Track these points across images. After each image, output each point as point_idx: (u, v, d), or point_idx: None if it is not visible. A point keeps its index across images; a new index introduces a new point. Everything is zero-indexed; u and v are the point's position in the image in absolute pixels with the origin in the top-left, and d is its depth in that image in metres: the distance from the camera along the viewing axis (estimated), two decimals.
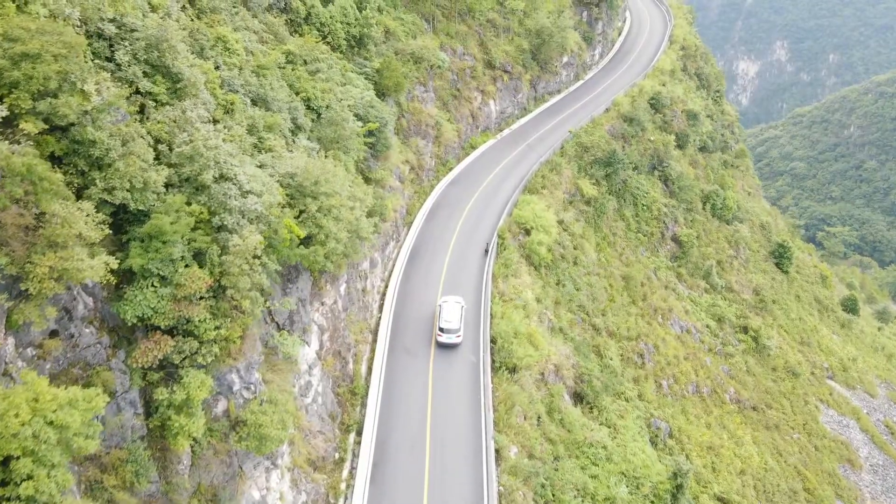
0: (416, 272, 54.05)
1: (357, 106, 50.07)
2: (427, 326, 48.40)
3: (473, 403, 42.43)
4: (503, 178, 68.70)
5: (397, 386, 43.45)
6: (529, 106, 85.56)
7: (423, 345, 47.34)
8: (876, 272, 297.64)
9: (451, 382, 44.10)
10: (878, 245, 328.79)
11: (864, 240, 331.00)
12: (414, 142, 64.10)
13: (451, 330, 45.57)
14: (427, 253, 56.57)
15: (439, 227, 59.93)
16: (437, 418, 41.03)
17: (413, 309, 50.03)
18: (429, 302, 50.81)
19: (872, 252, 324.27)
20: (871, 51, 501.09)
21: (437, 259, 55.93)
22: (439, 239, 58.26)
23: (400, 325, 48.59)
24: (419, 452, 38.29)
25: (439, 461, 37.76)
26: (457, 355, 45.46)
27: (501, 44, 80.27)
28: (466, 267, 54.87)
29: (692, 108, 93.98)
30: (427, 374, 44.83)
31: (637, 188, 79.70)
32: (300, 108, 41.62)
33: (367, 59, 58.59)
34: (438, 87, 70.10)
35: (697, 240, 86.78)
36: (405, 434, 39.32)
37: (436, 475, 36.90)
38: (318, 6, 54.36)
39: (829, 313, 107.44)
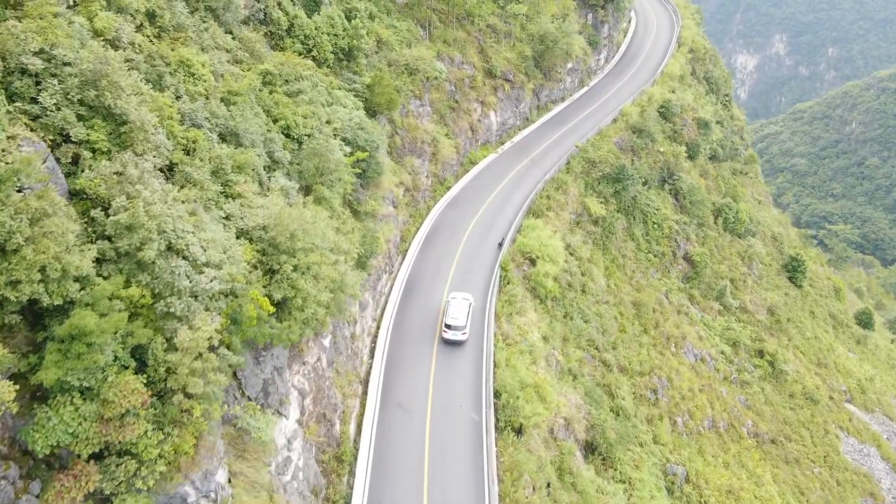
0: (412, 309, 49.07)
1: (345, 129, 44.95)
2: (424, 376, 43.50)
3: (476, 472, 37.55)
4: (505, 198, 63.64)
5: (390, 449, 38.56)
6: (532, 115, 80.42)
7: (419, 397, 42.45)
8: (879, 271, 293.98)
9: (450, 445, 39.23)
10: (880, 243, 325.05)
11: (867, 238, 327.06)
12: (409, 161, 58.98)
13: (458, 327, 45.00)
14: (423, 287, 51.60)
15: (436, 257, 54.93)
16: (435, 490, 36.20)
17: (408, 354, 45.12)
18: (425, 345, 45.94)
19: (874, 250, 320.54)
20: (870, 44, 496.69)
21: (434, 293, 50.95)
22: (436, 271, 53.27)
23: (393, 374, 43.66)
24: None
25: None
26: (458, 416, 40.51)
27: (502, 50, 75.02)
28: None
29: (703, 116, 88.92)
30: (424, 433, 39.94)
31: (647, 205, 74.72)
32: (278, 140, 36.46)
33: (356, 73, 53.39)
34: (435, 100, 64.92)
35: (710, 256, 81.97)
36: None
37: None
38: (301, 17, 49.10)
39: (844, 329, 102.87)
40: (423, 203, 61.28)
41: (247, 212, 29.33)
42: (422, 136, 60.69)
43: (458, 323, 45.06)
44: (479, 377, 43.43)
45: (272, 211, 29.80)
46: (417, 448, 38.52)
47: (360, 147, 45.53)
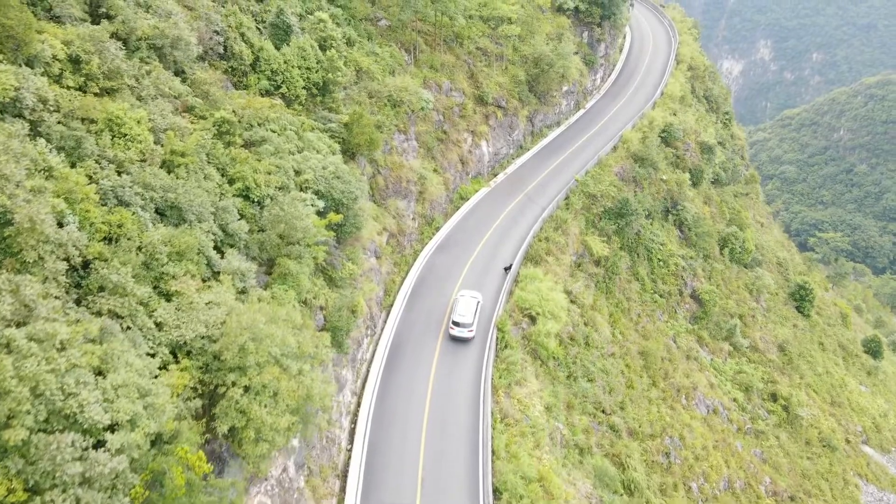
0: (397, 381, 43.00)
1: (318, 180, 38.92)
2: (412, 468, 37.45)
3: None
4: (499, 241, 57.77)
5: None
6: (526, 143, 74.70)
7: (407, 491, 36.45)
8: (870, 280, 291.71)
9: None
10: (870, 251, 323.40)
11: (857, 245, 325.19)
12: (393, 204, 52.97)
13: (464, 324, 45.46)
14: (410, 351, 45.53)
15: (424, 314, 48.89)
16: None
17: (394, 438, 39.06)
18: (413, 426, 39.94)
19: (864, 258, 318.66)
20: (854, 49, 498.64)
21: (423, 358, 44.91)
22: (424, 330, 47.23)
23: (376, 464, 37.60)
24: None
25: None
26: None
27: (494, 75, 69.25)
28: (459, 373, 43.89)
29: (706, 140, 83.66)
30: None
31: (651, 240, 69.21)
32: (233, 208, 30.32)
33: (332, 109, 47.35)
34: (422, 133, 58.99)
35: (717, 289, 76.61)
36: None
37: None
38: (268, 49, 43.01)
39: (854, 359, 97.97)
40: (409, 248, 55.28)
41: (185, 317, 23.21)
42: (407, 175, 54.73)
43: (465, 320, 45.51)
44: (475, 469, 37.43)
45: (218, 314, 23.68)
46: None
47: (335, 200, 39.51)
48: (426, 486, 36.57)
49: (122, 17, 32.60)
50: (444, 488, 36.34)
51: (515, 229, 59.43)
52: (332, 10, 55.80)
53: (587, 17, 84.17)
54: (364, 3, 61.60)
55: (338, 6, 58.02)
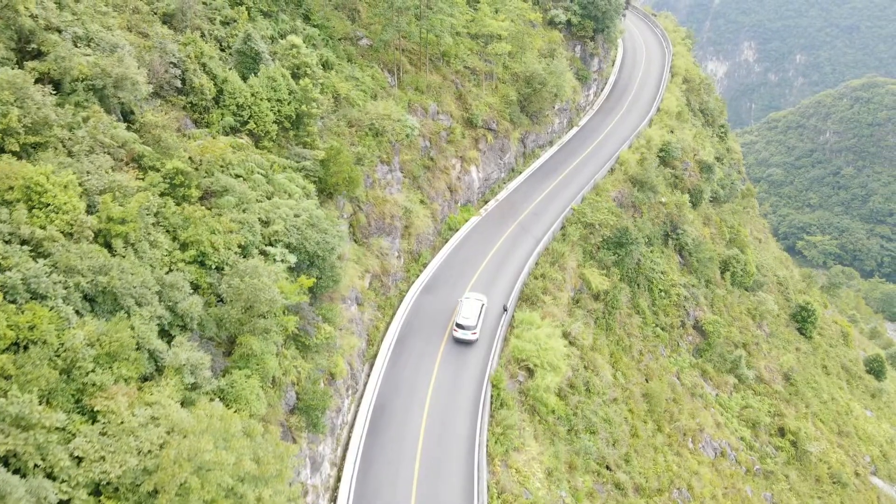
0: (382, 448, 38.54)
1: (289, 231, 34.41)
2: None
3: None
4: (491, 279, 53.44)
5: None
6: (518, 165, 70.48)
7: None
8: (859, 283, 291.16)
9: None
10: (857, 254, 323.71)
11: (844, 248, 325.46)
12: (376, 242, 48.50)
13: (468, 327, 45.40)
14: (396, 409, 41.11)
15: (411, 368, 44.44)
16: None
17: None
18: (400, 502, 35.54)
19: (853, 261, 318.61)
20: (837, 51, 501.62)
21: (411, 422, 40.46)
22: (411, 389, 42.79)
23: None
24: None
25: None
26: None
27: (483, 95, 64.94)
28: (451, 440, 39.47)
29: (706, 159, 79.92)
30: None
31: (652, 269, 65.22)
32: (184, 283, 25.72)
33: (307, 143, 42.77)
34: (407, 162, 54.58)
35: (720, 318, 72.81)
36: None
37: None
38: (233, 81, 38.41)
39: (857, 381, 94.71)
40: (393, 289, 50.83)
41: (112, 445, 18.63)
42: (391, 211, 50.28)
43: (468, 323, 45.44)
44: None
45: (155, 435, 19.13)
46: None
47: (309, 253, 35.01)
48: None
49: (54, 54, 27.94)
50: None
51: (508, 265, 55.14)
52: (308, 31, 51.32)
53: (580, 31, 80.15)
54: (343, 21, 57.20)
55: (314, 25, 53.54)
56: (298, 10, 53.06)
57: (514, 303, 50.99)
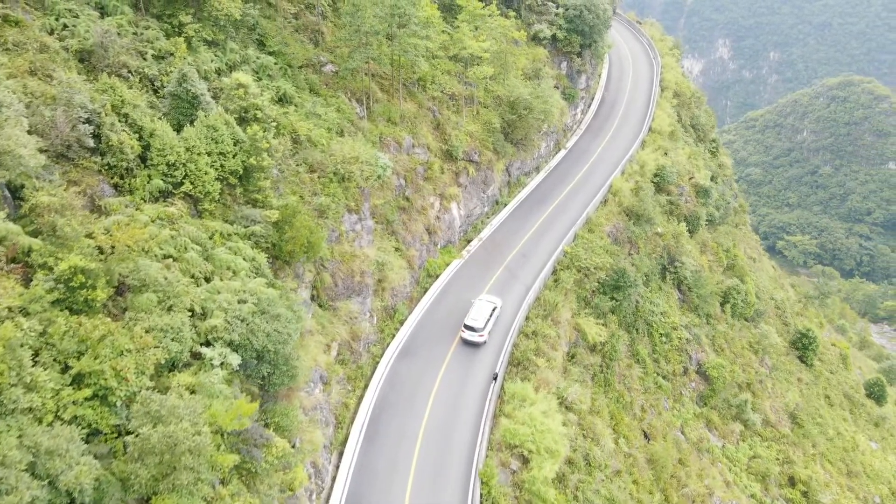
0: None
1: (232, 324, 27.91)
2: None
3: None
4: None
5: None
6: (503, 196, 64.32)
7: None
8: (840, 284, 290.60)
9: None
10: (837, 253, 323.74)
11: (824, 248, 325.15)
12: (344, 306, 42.01)
13: (476, 328, 45.15)
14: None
15: (388, 454, 38.07)
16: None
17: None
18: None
19: (832, 260, 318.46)
20: (810, 48, 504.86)
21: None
22: (388, 483, 36.41)
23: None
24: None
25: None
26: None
27: (463, 123, 58.61)
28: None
29: (702, 182, 74.53)
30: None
31: (651, 311, 59.57)
32: (70, 447, 19.02)
33: (258, 201, 36.05)
34: (379, 207, 48.12)
35: (723, 358, 67.57)
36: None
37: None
38: (163, 133, 31.61)
39: (860, 409, 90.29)
40: (365, 355, 44.37)
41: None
42: (361, 266, 43.78)
43: (476, 325, 45.19)
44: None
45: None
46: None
47: (258, 351, 28.49)
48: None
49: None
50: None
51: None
52: (263, 60, 44.57)
53: (566, 47, 74.20)
54: (304, 45, 50.49)
55: (270, 53, 46.80)
56: (251, 36, 46.31)
57: (503, 368, 44.80)
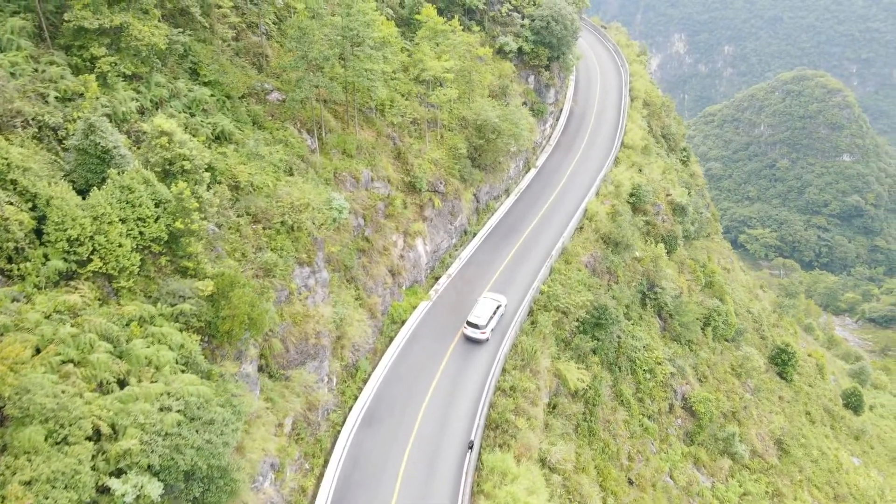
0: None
1: (150, 444, 22.55)
2: None
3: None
4: (448, 397, 42.32)
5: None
6: (472, 225, 59.60)
7: None
8: (801, 276, 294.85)
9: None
10: (797, 245, 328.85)
11: (784, 240, 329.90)
12: (298, 376, 36.72)
13: (479, 326, 45.40)
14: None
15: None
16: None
17: None
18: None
19: (792, 252, 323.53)
20: (762, 42, 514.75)
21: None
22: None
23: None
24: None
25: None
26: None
27: (427, 150, 53.64)
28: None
29: (679, 200, 71.03)
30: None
31: (634, 347, 55.63)
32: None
33: (188, 270, 30.49)
34: (335, 254, 42.86)
35: (707, 386, 64.29)
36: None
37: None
38: (63, 202, 25.94)
39: (840, 422, 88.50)
40: (325, 425, 39.21)
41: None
42: (316, 328, 38.53)
43: (480, 322, 45.50)
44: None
45: None
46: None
47: (185, 472, 23.17)
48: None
49: None
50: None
51: (468, 375, 44.17)
52: (196, 93, 38.89)
53: (533, 60, 69.77)
54: (246, 72, 44.80)
55: (205, 83, 41.07)
56: (182, 65, 40.51)
57: (479, 435, 40.08)
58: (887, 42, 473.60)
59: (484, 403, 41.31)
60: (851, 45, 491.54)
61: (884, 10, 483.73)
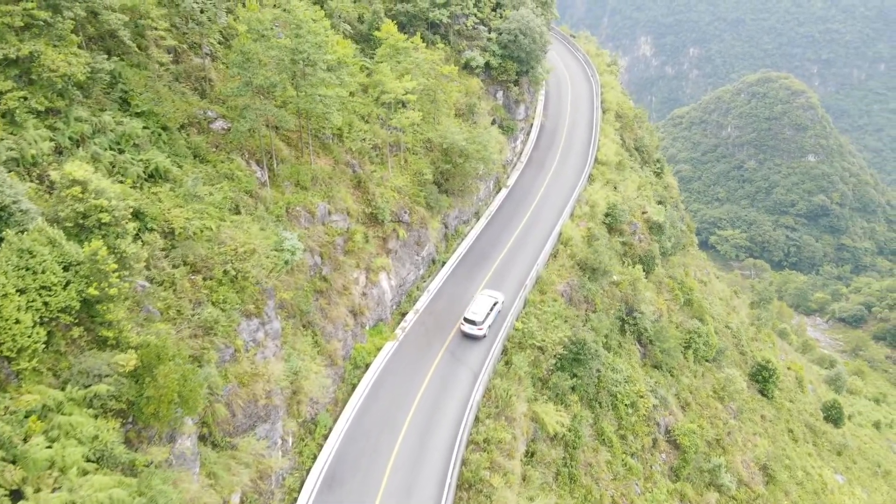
0: None
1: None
2: None
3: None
4: (416, 453, 38.59)
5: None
6: (440, 252, 55.98)
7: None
8: (771, 276, 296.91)
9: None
10: (766, 245, 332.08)
11: (754, 241, 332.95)
12: (246, 444, 32.63)
13: (476, 322, 45.43)
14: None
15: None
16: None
17: None
18: None
19: (762, 252, 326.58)
20: (726, 44, 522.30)
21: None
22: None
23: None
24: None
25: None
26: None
27: (390, 177, 49.90)
28: None
29: (656, 218, 68.35)
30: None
31: (615, 381, 52.51)
32: None
33: (108, 341, 26.25)
34: (288, 301, 38.83)
35: (688, 409, 61.61)
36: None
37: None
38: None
39: (822, 438, 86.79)
40: (279, 495, 35.15)
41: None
42: (266, 387, 34.49)
43: (476, 318, 45.44)
44: None
45: None
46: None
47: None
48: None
49: None
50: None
51: (438, 426, 40.42)
52: (126, 127, 34.66)
53: (501, 75, 66.55)
54: (186, 99, 40.55)
55: (137, 114, 36.80)
56: (111, 95, 36.20)
57: (452, 496, 36.37)
58: (846, 42, 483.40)
59: (455, 462, 37.65)
60: (812, 46, 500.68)
61: (842, 12, 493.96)
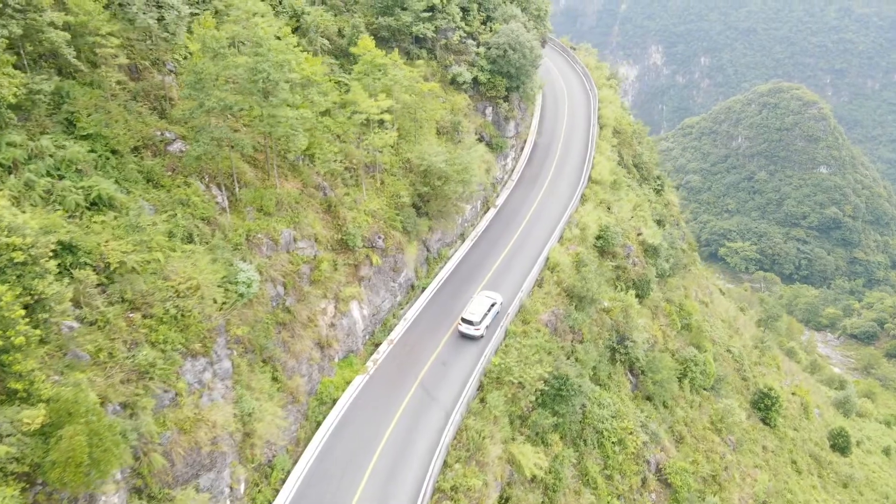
0: None
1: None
2: None
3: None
4: (379, 500, 35.94)
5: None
6: (420, 277, 53.40)
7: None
8: (781, 289, 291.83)
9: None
10: (777, 258, 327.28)
11: (764, 253, 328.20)
12: (183, 499, 30.07)
13: (473, 322, 45.76)
14: None
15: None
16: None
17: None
18: None
19: (772, 265, 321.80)
20: (737, 53, 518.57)
21: None
22: None
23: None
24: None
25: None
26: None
27: (364, 201, 47.43)
28: None
29: (651, 240, 65.47)
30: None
31: (601, 417, 49.60)
32: None
33: (17, 395, 23.84)
34: (245, 336, 36.34)
35: (683, 444, 58.52)
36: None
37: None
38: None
39: (827, 469, 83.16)
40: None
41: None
42: (212, 433, 31.96)
43: (474, 318, 45.81)
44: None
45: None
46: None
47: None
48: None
49: None
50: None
51: (405, 469, 37.75)
52: (67, 152, 32.45)
53: (490, 91, 64.08)
54: (142, 119, 38.25)
55: (83, 136, 34.59)
56: (55, 117, 34.03)
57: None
58: (860, 52, 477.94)
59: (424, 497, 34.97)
60: (825, 55, 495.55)
61: (856, 22, 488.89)
